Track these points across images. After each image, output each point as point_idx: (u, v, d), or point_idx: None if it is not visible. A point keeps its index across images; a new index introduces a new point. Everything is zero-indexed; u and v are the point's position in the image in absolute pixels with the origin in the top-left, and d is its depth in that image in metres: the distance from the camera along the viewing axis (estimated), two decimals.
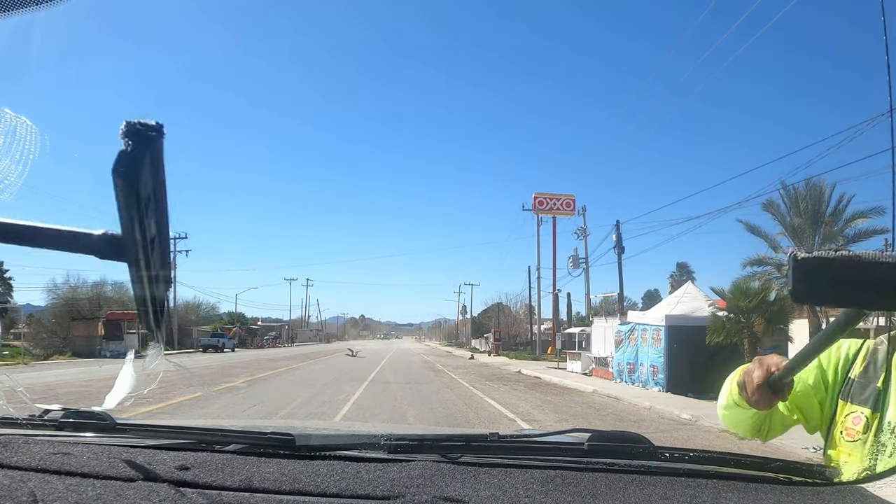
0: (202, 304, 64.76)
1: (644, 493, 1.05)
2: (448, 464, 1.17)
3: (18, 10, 1.02)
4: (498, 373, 28.70)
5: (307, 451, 1.22)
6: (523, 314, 63.37)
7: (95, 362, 28.59)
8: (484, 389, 19.22)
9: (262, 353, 48.89)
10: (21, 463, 1.07)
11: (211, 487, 1.02)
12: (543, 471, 1.14)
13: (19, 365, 26.93)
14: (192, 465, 1.08)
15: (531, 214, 51.40)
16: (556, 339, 37.79)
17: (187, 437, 1.32)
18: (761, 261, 21.09)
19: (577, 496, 1.03)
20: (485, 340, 64.24)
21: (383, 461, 1.16)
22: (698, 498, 1.04)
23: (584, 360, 26.63)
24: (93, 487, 0.98)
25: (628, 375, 20.75)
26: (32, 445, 1.15)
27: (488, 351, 54.58)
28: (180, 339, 51.05)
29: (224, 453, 1.21)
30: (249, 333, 65.62)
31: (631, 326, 21.06)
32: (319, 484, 1.05)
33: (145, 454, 1.15)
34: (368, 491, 1.02)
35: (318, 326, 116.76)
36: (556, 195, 50.59)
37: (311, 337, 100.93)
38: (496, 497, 1.01)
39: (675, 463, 1.22)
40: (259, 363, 31.16)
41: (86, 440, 1.28)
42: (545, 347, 46.02)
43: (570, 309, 51.80)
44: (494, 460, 1.21)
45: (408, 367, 31.13)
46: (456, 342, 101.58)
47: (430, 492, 1.01)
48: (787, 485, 1.15)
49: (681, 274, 57.15)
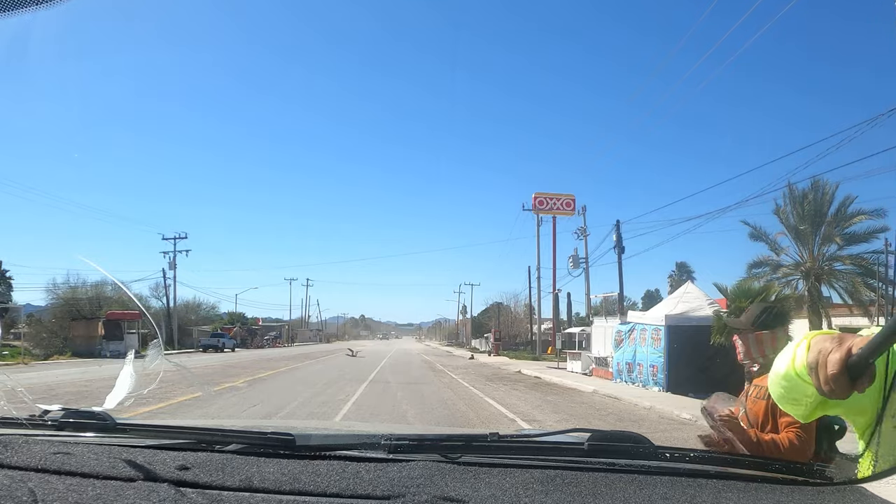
0: (202, 304, 64.78)
1: (644, 493, 1.05)
2: (448, 464, 1.17)
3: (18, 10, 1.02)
4: (498, 373, 28.70)
5: (307, 451, 1.22)
6: (523, 314, 63.37)
7: (95, 362, 28.59)
8: (484, 389, 19.21)
9: (262, 353, 48.88)
10: (21, 463, 1.07)
11: (211, 487, 1.02)
12: (543, 471, 1.14)
13: (19, 365, 26.93)
14: (193, 465, 1.08)
15: (531, 214, 51.42)
16: (556, 339, 37.80)
17: (187, 437, 1.32)
18: (762, 262, 21.10)
19: (577, 496, 1.03)
20: (485, 340, 64.23)
21: (383, 461, 1.16)
22: (698, 498, 1.04)
23: (584, 360, 26.62)
24: (93, 487, 0.98)
25: (628, 375, 20.74)
26: (32, 445, 1.15)
27: (488, 351, 54.57)
28: (180, 338, 51.04)
29: (224, 453, 1.21)
30: (249, 333, 65.61)
31: (631, 326, 21.06)
32: (319, 484, 1.05)
33: (145, 454, 1.15)
34: (368, 491, 1.02)
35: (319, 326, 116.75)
36: (556, 195, 50.59)
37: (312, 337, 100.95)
38: (496, 497, 1.01)
39: (675, 463, 1.23)
40: (259, 363, 31.16)
41: (86, 440, 1.28)
42: (545, 347, 46.01)
43: (570, 309, 51.78)
44: (494, 460, 1.21)
45: (408, 368, 31.13)
46: (456, 342, 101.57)
47: (431, 492, 1.01)
48: (787, 485, 1.15)
49: (681, 274, 57.17)
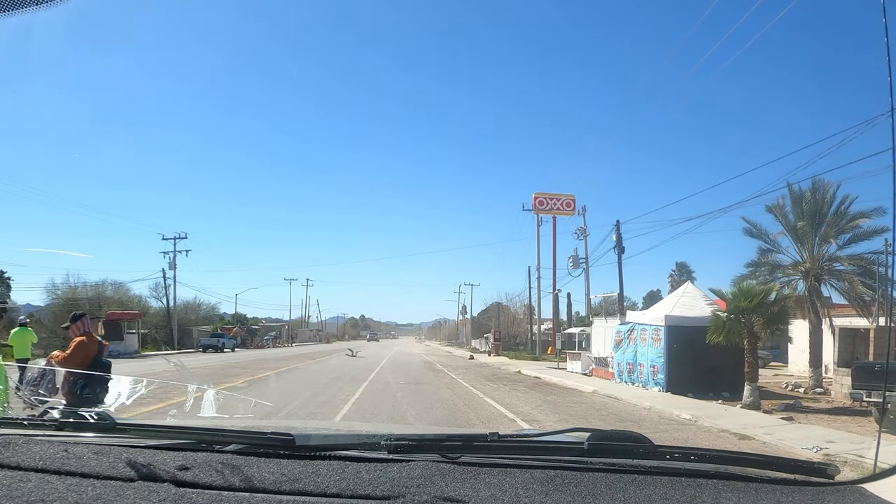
0: (202, 304, 64.78)
1: (644, 493, 1.05)
2: (448, 464, 1.16)
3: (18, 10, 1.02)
4: (498, 373, 28.69)
5: (307, 451, 1.22)
6: (523, 314, 63.35)
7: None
8: (484, 389, 19.21)
9: (262, 353, 48.86)
10: (21, 463, 1.07)
11: (211, 487, 1.02)
12: (543, 470, 1.14)
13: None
14: (192, 465, 1.08)
15: (531, 214, 51.44)
16: (556, 340, 37.78)
17: (187, 437, 1.32)
18: (762, 262, 21.07)
19: (577, 496, 1.03)
20: (485, 340, 64.19)
21: (383, 461, 1.16)
22: (699, 498, 1.04)
23: (584, 361, 26.62)
24: (93, 487, 0.98)
25: (628, 375, 20.74)
26: (32, 445, 1.15)
27: (488, 351, 54.55)
28: (180, 338, 51.00)
29: (224, 453, 1.21)
30: (249, 333, 65.59)
31: (630, 326, 21.05)
32: (319, 484, 1.04)
33: (145, 454, 1.15)
34: (368, 491, 1.02)
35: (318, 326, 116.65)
36: (556, 195, 50.60)
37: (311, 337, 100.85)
38: (496, 497, 1.01)
39: (675, 462, 1.22)
40: (259, 363, 31.14)
41: (86, 440, 1.28)
42: (545, 347, 46.01)
43: (570, 309, 51.76)
44: (494, 460, 1.21)
45: (407, 368, 31.11)
46: (456, 342, 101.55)
47: (430, 492, 1.01)
48: (787, 484, 1.15)
49: (681, 274, 57.12)
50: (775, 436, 10.43)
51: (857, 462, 8.01)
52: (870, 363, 15.48)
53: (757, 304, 14.79)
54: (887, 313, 17.32)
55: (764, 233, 21.04)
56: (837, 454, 8.69)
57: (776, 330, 15.68)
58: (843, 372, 16.66)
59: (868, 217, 18.92)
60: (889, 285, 18.11)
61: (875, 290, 18.93)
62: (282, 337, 79.48)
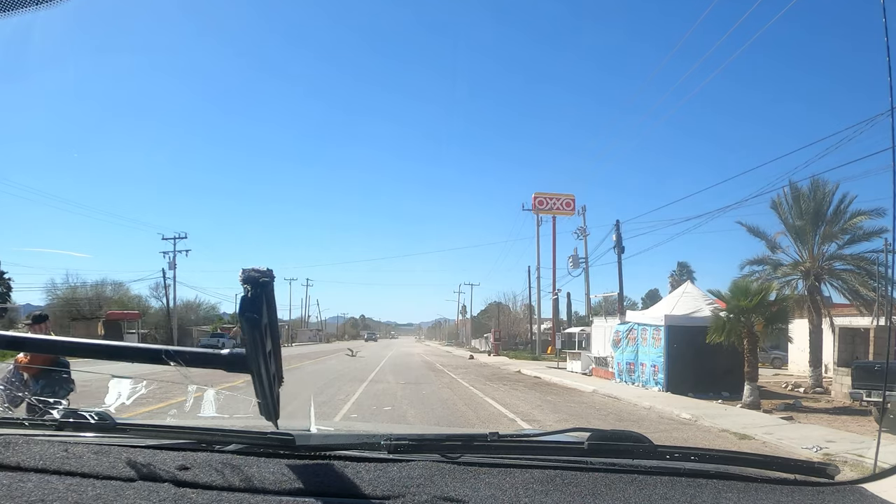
0: (202, 304, 64.81)
1: (644, 493, 1.05)
2: (448, 464, 1.16)
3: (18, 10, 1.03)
4: (498, 373, 28.69)
5: (307, 451, 1.22)
6: (523, 314, 63.37)
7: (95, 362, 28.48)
8: (484, 389, 19.21)
9: None
10: (21, 463, 1.07)
11: (211, 487, 1.02)
12: (543, 470, 1.14)
13: None
14: (193, 465, 1.08)
15: (531, 214, 51.45)
16: (556, 339, 37.79)
17: (187, 437, 1.32)
18: (761, 261, 21.07)
19: (577, 496, 1.03)
20: (485, 340, 64.20)
21: (383, 461, 1.16)
22: (699, 497, 1.04)
23: (584, 360, 26.62)
24: (93, 487, 0.98)
25: (628, 375, 20.74)
26: (32, 445, 1.15)
27: (488, 351, 54.55)
28: (180, 338, 51.02)
29: (224, 453, 1.21)
30: None
31: (630, 326, 21.05)
32: (319, 484, 1.04)
33: (145, 454, 1.15)
34: (368, 491, 1.02)
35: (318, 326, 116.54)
36: (555, 195, 50.59)
37: (311, 337, 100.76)
38: (496, 497, 1.01)
39: (675, 462, 1.22)
40: None
41: (86, 440, 1.28)
42: (545, 347, 46.01)
43: (570, 309, 51.79)
44: (494, 460, 1.21)
45: (407, 368, 31.11)
46: (456, 342, 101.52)
47: (430, 492, 1.01)
48: (787, 484, 1.15)
49: (681, 274, 57.09)
50: (775, 436, 10.44)
51: (857, 462, 8.02)
52: (870, 363, 15.47)
53: (757, 304, 14.80)
54: (887, 313, 17.33)
55: (763, 233, 21.06)
56: (837, 454, 8.70)
57: (776, 329, 15.69)
58: (843, 372, 16.66)
59: (868, 216, 18.94)
60: (889, 285, 18.10)
61: (875, 289, 18.93)
62: (281, 337, 79.38)
